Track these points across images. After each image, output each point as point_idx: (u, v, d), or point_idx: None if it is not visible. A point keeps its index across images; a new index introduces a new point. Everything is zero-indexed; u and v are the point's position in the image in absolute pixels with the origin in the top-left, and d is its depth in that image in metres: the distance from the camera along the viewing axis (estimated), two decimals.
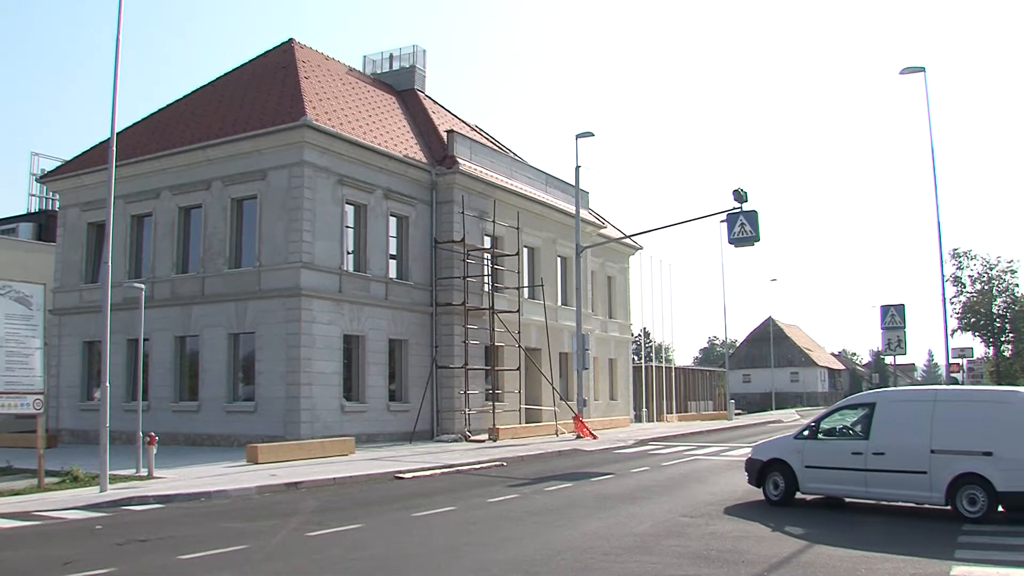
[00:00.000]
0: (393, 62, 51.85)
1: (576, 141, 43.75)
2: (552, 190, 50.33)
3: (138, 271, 39.12)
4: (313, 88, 39.02)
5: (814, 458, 18.68)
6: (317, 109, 36.41)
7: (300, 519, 17.18)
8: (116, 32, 22.60)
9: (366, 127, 39.44)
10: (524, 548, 13.96)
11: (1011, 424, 16.32)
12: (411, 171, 40.23)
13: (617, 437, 42.26)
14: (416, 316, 40.20)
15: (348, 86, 43.84)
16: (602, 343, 56.24)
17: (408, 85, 50.32)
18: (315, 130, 34.83)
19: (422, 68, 51.73)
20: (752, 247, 36.72)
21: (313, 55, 44.97)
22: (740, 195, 35.72)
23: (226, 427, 35.20)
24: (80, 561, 13.07)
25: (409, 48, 51.85)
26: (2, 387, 22.03)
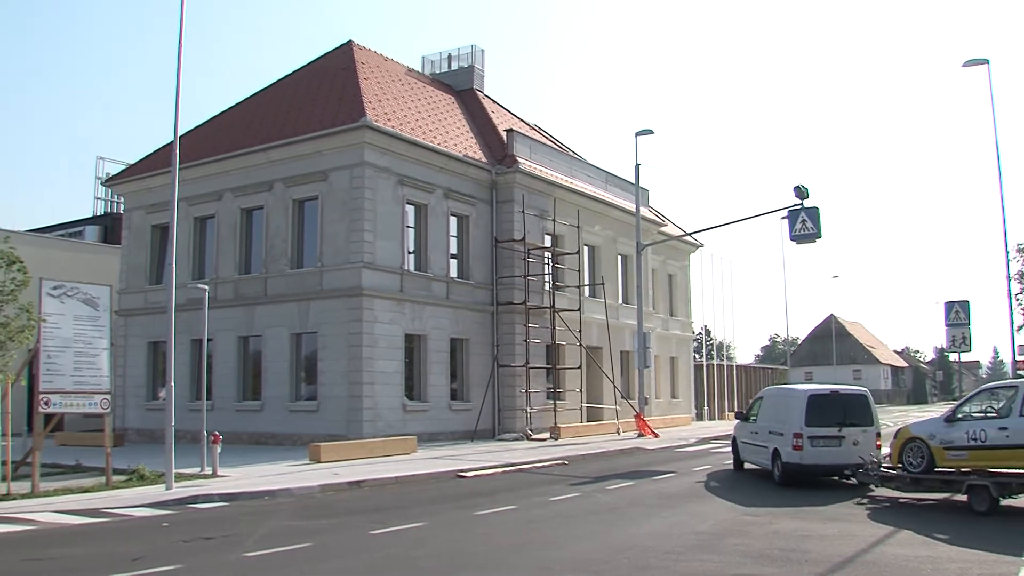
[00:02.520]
0: (452, 62, 51.95)
1: (635, 139, 43.68)
2: (612, 188, 50.19)
3: (202, 272, 39.47)
4: (373, 89, 39.19)
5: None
6: (377, 110, 36.57)
7: (362, 517, 17.27)
8: (178, 38, 22.84)
9: (426, 127, 39.55)
10: (586, 547, 13.96)
11: None
12: (471, 171, 40.30)
13: (679, 435, 42.09)
14: (477, 315, 40.26)
15: (407, 87, 43.99)
16: (663, 341, 55.98)
17: (467, 85, 50.40)
18: (375, 131, 34.98)
19: (480, 68, 51.78)
20: (814, 244, 36.31)
21: (372, 56, 45.17)
22: (801, 191, 35.39)
23: (289, 426, 35.44)
24: (148, 558, 13.24)
25: (467, 48, 51.95)
26: (71, 387, 22.36)
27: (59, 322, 22.37)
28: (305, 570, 12.59)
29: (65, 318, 22.53)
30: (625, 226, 48.69)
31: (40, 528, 16.74)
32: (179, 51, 22.88)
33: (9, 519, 17.54)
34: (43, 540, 15.47)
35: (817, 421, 22.02)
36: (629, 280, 49.70)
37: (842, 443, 21.84)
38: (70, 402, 22.53)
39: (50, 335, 22.15)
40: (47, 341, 22.11)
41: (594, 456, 31.58)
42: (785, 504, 18.74)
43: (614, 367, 46.74)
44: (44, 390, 21.95)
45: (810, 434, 21.85)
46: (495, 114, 48.32)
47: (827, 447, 21.83)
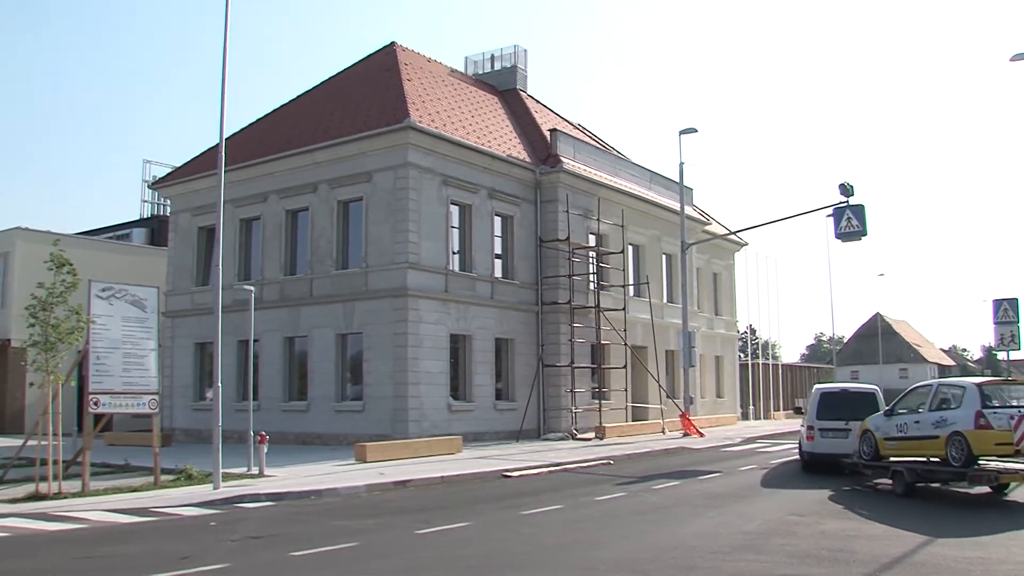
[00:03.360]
0: (495, 62, 52.02)
1: (679, 138, 43.63)
2: (656, 187, 50.08)
3: (247, 273, 39.74)
4: (416, 90, 39.30)
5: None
6: (420, 111, 36.67)
7: (408, 517, 17.31)
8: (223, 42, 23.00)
9: (469, 128, 39.62)
10: (632, 546, 13.94)
11: None
12: (515, 171, 40.33)
13: (724, 435, 41.93)
14: (522, 315, 40.28)
15: (450, 87, 44.09)
16: (708, 340, 55.80)
17: (510, 85, 50.45)
18: (419, 131, 35.07)
19: (523, 68, 51.81)
20: (859, 242, 36.11)
21: (415, 57, 45.31)
22: (846, 189, 35.18)
23: (335, 426, 35.60)
24: (196, 557, 13.33)
25: (510, 48, 51.97)
26: (120, 388, 22.58)
27: (108, 323, 22.60)
28: (351, 569, 12.65)
29: (113, 319, 22.76)
30: (670, 225, 48.57)
31: (91, 527, 16.92)
32: (224, 55, 23.04)
33: (61, 517, 17.75)
34: (94, 538, 15.64)
35: (827, 415, 25.36)
36: (674, 279, 49.60)
37: (848, 435, 24.29)
38: (119, 402, 22.75)
39: (99, 336, 22.37)
40: (96, 342, 22.33)
41: (639, 456, 31.52)
42: (832, 504, 18.63)
43: (659, 366, 46.67)
44: (93, 391, 22.16)
45: (820, 426, 25.36)
46: (538, 114, 48.34)
47: (835, 438, 24.85)
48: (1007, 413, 18.50)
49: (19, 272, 46.86)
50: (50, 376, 21.46)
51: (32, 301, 21.41)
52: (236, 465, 24.91)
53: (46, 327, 21.18)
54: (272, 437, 26.88)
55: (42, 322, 21.21)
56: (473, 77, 50.45)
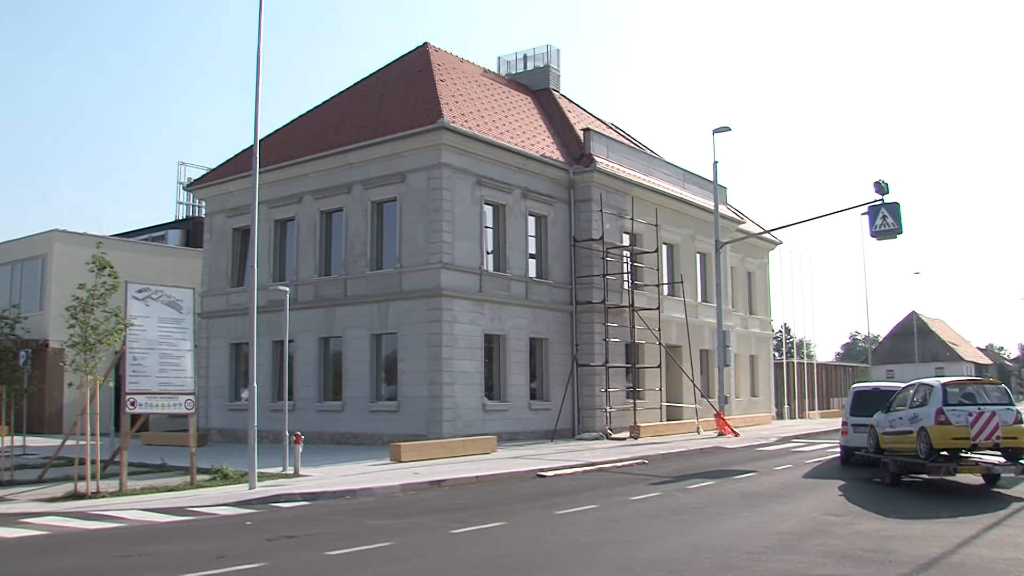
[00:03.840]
0: (527, 62, 52.00)
1: (713, 136, 43.52)
2: (690, 186, 49.96)
3: (282, 274, 39.92)
4: (449, 90, 39.36)
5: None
6: (454, 111, 36.72)
7: (443, 517, 17.33)
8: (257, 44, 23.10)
9: (503, 128, 39.64)
10: (667, 546, 13.91)
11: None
12: (548, 170, 40.31)
13: (759, 434, 41.79)
14: (556, 315, 40.26)
15: (483, 87, 44.14)
16: (743, 340, 55.61)
17: (543, 85, 50.44)
18: (452, 132, 35.12)
19: (556, 67, 51.79)
20: (894, 240, 35.89)
21: (448, 58, 45.39)
22: (882, 187, 34.97)
23: (369, 426, 35.71)
24: (232, 555, 13.40)
25: (543, 48, 51.96)
26: (156, 388, 22.72)
27: (144, 324, 22.73)
28: (386, 569, 12.67)
29: (150, 320, 22.89)
30: (704, 224, 48.46)
31: (128, 525, 17.04)
32: (258, 57, 23.14)
33: (99, 516, 17.88)
34: (131, 537, 15.73)
35: (859, 412, 26.97)
36: (708, 278, 49.43)
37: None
38: (156, 403, 22.88)
39: (136, 337, 22.51)
40: (133, 343, 22.48)
41: (674, 455, 31.46)
42: (868, 505, 18.53)
43: (694, 366, 46.55)
44: (131, 391, 22.30)
45: (853, 422, 27.16)
46: (571, 113, 48.32)
47: (865, 433, 25.58)
48: (966, 411, 20.26)
49: (56, 274, 47.27)
50: (88, 377, 21.62)
51: (72, 302, 21.59)
52: (271, 465, 25.06)
53: (86, 328, 21.34)
54: (307, 437, 26.97)
55: (82, 323, 21.36)
56: (506, 77, 50.49)
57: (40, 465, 27.14)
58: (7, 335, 26.38)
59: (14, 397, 26.95)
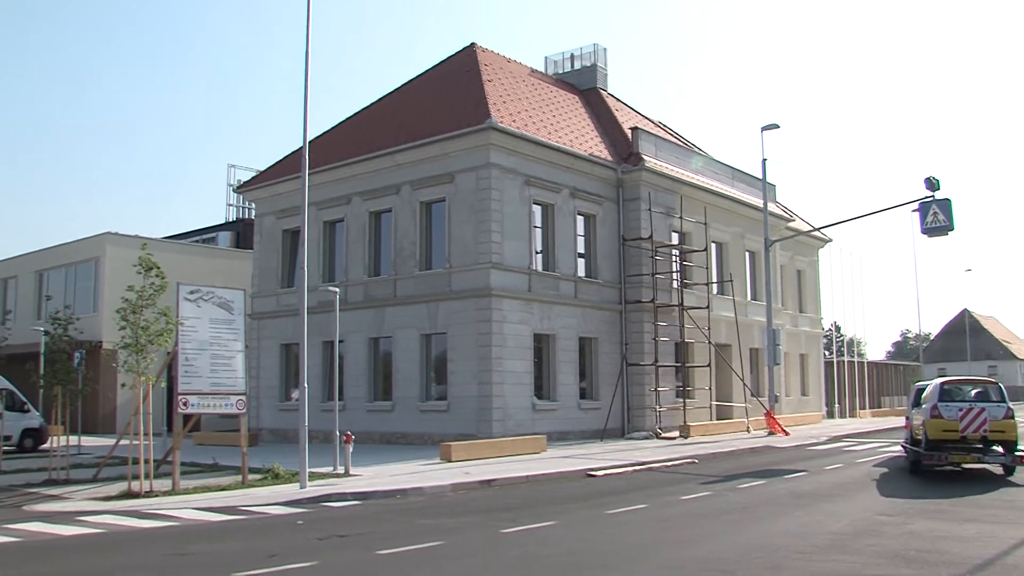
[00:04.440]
0: (574, 61, 51.96)
1: (761, 134, 43.34)
2: (738, 184, 49.72)
3: (332, 275, 40.10)
4: (497, 91, 39.40)
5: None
6: (502, 111, 36.75)
7: (494, 516, 17.34)
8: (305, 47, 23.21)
9: (550, 127, 39.63)
10: (718, 546, 13.85)
11: None
12: (597, 169, 40.26)
13: (809, 434, 41.52)
14: (605, 314, 40.19)
15: (531, 87, 44.14)
16: (793, 338, 55.29)
17: (590, 84, 50.38)
18: (501, 132, 35.15)
19: (603, 66, 51.71)
20: (946, 236, 35.54)
21: (495, 58, 45.42)
22: (932, 183, 34.65)
23: (419, 426, 35.81)
24: (283, 554, 13.47)
25: (590, 47, 51.89)
26: (208, 388, 22.88)
27: (196, 325, 22.90)
28: (437, 568, 12.69)
29: (201, 321, 23.06)
30: (752, 222, 48.22)
31: (181, 524, 17.18)
32: (306, 59, 23.24)
33: (153, 515, 18.05)
34: (184, 536, 15.86)
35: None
36: (758, 277, 49.22)
37: None
38: (207, 403, 23.05)
39: (187, 338, 22.69)
40: (184, 344, 22.65)
41: (724, 455, 31.33)
42: (920, 504, 18.37)
43: (743, 365, 46.33)
44: (183, 391, 22.47)
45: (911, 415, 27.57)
46: (619, 112, 48.21)
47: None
48: (957, 407, 23.39)
49: (109, 276, 47.78)
50: (141, 377, 21.81)
51: (122, 304, 21.78)
52: (322, 464, 25.17)
53: (136, 329, 21.52)
54: (357, 437, 27.06)
55: (132, 324, 21.55)
56: (553, 77, 50.47)
57: (95, 464, 27.44)
58: (61, 336, 26.62)
59: (69, 398, 27.19)
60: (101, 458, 27.90)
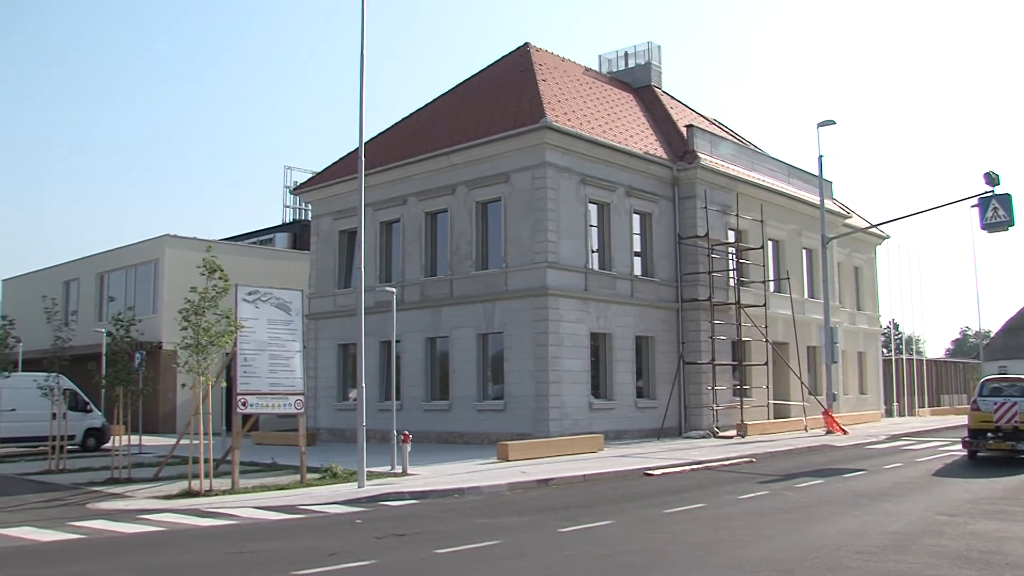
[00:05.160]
0: (628, 60, 51.80)
1: (817, 130, 43.00)
2: (795, 181, 49.39)
3: (388, 275, 40.30)
4: (551, 90, 39.40)
5: None
6: (556, 110, 36.75)
7: (551, 515, 17.35)
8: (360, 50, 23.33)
9: (605, 126, 39.57)
10: (776, 545, 13.78)
11: None
12: (652, 168, 40.15)
13: (868, 432, 41.16)
14: (662, 312, 40.08)
15: (585, 86, 44.09)
16: (850, 336, 54.85)
17: (644, 82, 50.20)
18: (555, 131, 35.15)
19: (658, 64, 51.50)
20: (1006, 232, 35.16)
21: (549, 58, 45.40)
22: (992, 178, 34.26)
23: (476, 425, 35.90)
24: (343, 553, 13.56)
25: (644, 45, 51.69)
26: (267, 388, 23.07)
27: (254, 326, 23.11)
28: (496, 567, 12.71)
29: (260, 322, 23.26)
30: (809, 219, 47.87)
31: (241, 523, 17.35)
32: (361, 61, 23.36)
33: (213, 514, 18.25)
34: (244, 534, 16.00)
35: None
36: (815, 274, 48.86)
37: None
38: (266, 403, 23.24)
39: (246, 339, 22.89)
40: (243, 344, 22.85)
41: (782, 454, 31.15)
42: (982, 505, 18.16)
43: (801, 363, 46.05)
44: (242, 391, 22.68)
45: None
46: (673, 110, 48.04)
47: None
48: (993, 401, 26.67)
49: (168, 277, 48.34)
50: (200, 377, 22.02)
51: (184, 305, 22.01)
52: (380, 464, 25.28)
53: (198, 330, 21.73)
54: (414, 436, 27.17)
55: (194, 326, 21.76)
56: (607, 75, 50.36)
57: (155, 464, 27.77)
58: (123, 338, 26.94)
59: (130, 398, 27.52)
60: (161, 457, 28.23)
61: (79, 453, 35.23)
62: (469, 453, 31.06)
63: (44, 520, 17.88)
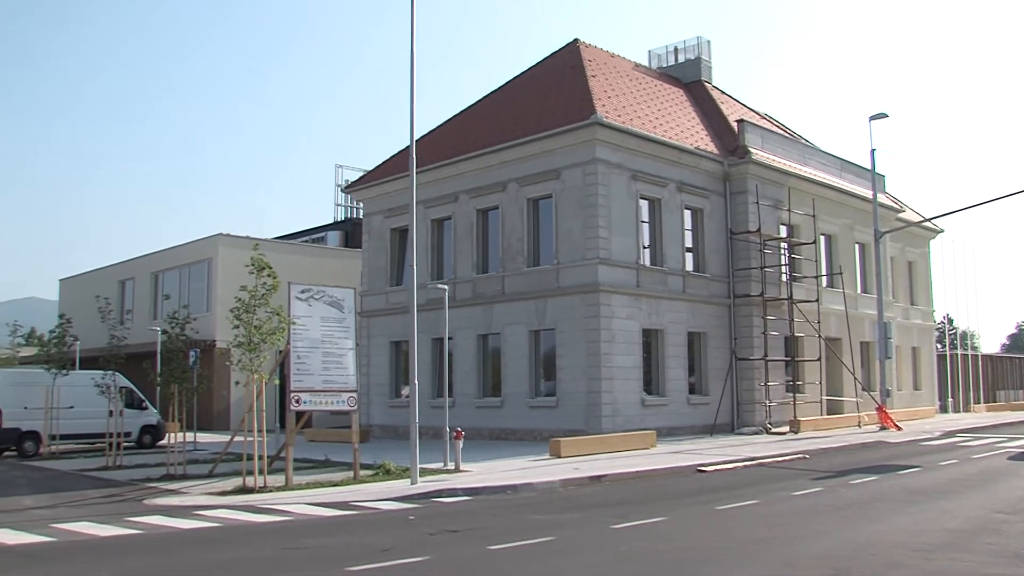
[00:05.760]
0: (678, 55, 51.53)
1: (869, 124, 42.55)
2: (847, 175, 48.99)
3: (440, 273, 40.40)
4: (601, 86, 39.32)
5: None
6: (606, 106, 36.68)
7: (604, 512, 17.35)
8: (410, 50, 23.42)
9: (655, 121, 39.45)
10: (831, 542, 13.69)
11: None
12: (703, 163, 39.99)
13: (922, 428, 40.77)
14: (714, 308, 39.92)
15: (635, 82, 43.97)
16: (904, 331, 54.35)
17: (694, 77, 49.94)
18: (606, 127, 35.10)
19: (707, 59, 51.20)
20: None
21: (598, 54, 45.30)
22: None
23: (528, 422, 35.92)
24: (396, 549, 13.61)
25: (693, 40, 51.42)
26: (320, 386, 23.22)
27: (307, 324, 23.27)
28: (549, 563, 12.73)
29: (313, 320, 23.42)
30: (862, 214, 47.47)
31: (295, 519, 17.49)
32: (411, 61, 23.44)
33: (267, 510, 18.41)
34: (298, 530, 16.13)
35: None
36: (868, 269, 48.47)
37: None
38: (319, 400, 23.40)
39: (299, 336, 23.05)
40: (296, 342, 23.01)
41: (835, 450, 30.91)
42: None
43: (854, 358, 45.69)
44: (295, 389, 22.84)
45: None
46: (724, 105, 47.77)
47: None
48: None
49: (221, 276, 48.73)
50: (254, 375, 22.21)
51: (236, 303, 22.21)
52: (432, 460, 25.35)
53: (249, 328, 21.93)
54: (467, 433, 27.20)
55: (246, 323, 21.97)
56: (657, 71, 50.18)
57: (210, 460, 28.03)
58: (177, 336, 27.25)
59: (185, 395, 27.83)
60: (216, 454, 28.49)
61: (135, 450, 35.61)
62: (521, 450, 31.09)
63: (103, 515, 18.12)
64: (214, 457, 28.11)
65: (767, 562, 12.39)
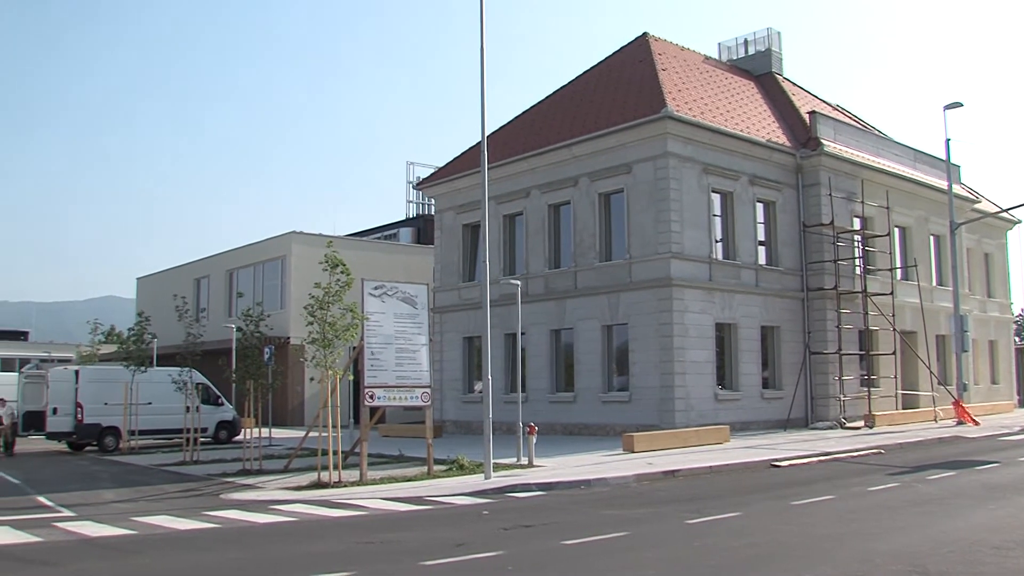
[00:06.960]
0: (748, 47, 51.08)
1: (944, 113, 41.95)
2: (920, 166, 48.36)
3: (512, 268, 40.49)
4: (671, 79, 39.18)
5: None
6: (677, 100, 36.54)
7: (678, 507, 17.32)
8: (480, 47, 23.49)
9: (726, 114, 39.23)
10: (908, 539, 13.55)
11: None
12: (775, 155, 39.71)
13: (1000, 423, 40.18)
14: (787, 302, 39.64)
15: (705, 75, 43.75)
16: (981, 324, 53.56)
17: (765, 69, 49.48)
18: (677, 121, 34.98)
19: (778, 50, 50.69)
20: None
21: (668, 47, 45.09)
22: None
23: (601, 417, 35.90)
24: (470, 543, 13.70)
25: (763, 32, 50.95)
26: (393, 381, 23.40)
27: (380, 320, 23.43)
28: (623, 559, 12.71)
29: (386, 316, 23.58)
30: (937, 205, 46.87)
31: (370, 513, 17.63)
32: (482, 57, 23.52)
33: (342, 504, 18.58)
34: (373, 525, 16.26)
35: None
36: (943, 261, 47.81)
37: None
38: (393, 396, 23.56)
39: (373, 332, 23.22)
40: (370, 338, 23.19)
41: (911, 445, 30.56)
42: None
43: (930, 352, 45.12)
44: (369, 385, 23.02)
45: None
46: (795, 96, 47.33)
47: None
48: None
49: (295, 273, 49.26)
50: (328, 371, 22.42)
51: (309, 300, 22.44)
52: (505, 456, 25.44)
53: (323, 325, 22.15)
54: (540, 428, 27.27)
55: (320, 320, 22.19)
56: (727, 63, 49.82)
57: (285, 456, 28.33)
58: (252, 332, 27.57)
59: (260, 391, 28.15)
60: (291, 449, 28.78)
61: (211, 445, 36.13)
62: (594, 445, 31.09)
63: (181, 509, 18.43)
64: (289, 452, 28.41)
65: (843, 558, 12.29)
